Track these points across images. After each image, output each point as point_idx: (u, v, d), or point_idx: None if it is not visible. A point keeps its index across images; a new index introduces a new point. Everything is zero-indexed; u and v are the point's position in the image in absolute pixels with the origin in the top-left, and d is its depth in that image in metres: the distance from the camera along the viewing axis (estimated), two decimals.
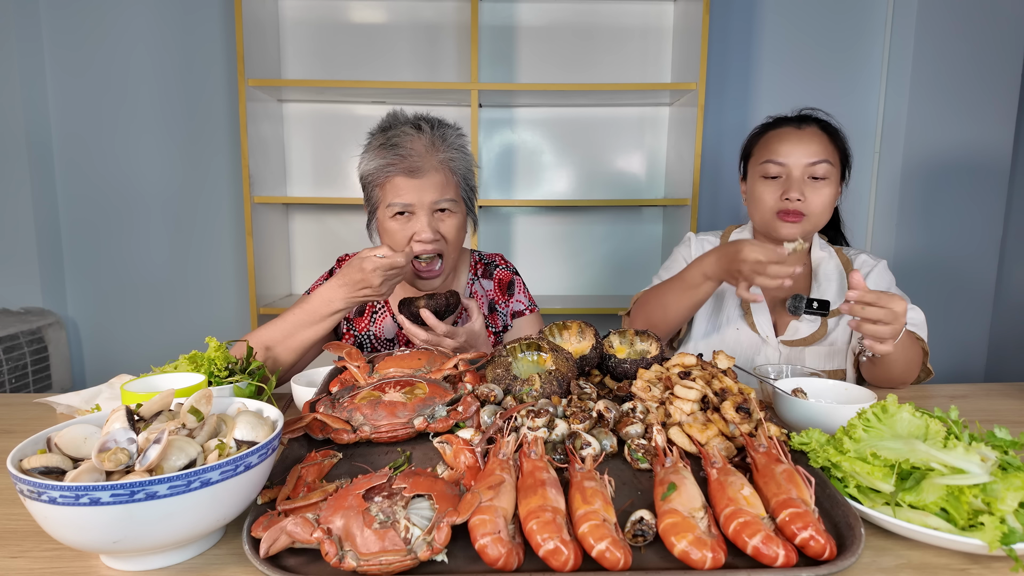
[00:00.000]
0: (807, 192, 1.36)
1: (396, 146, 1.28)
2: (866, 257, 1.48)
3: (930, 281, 2.73)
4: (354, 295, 1.21)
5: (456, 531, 0.64)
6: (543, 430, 0.86)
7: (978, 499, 0.67)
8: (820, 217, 1.38)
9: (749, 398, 0.88)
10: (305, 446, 0.89)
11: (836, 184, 1.39)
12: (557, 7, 2.68)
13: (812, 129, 1.40)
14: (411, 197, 1.29)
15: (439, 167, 1.31)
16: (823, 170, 1.36)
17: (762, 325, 1.45)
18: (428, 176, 1.29)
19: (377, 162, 1.30)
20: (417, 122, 1.33)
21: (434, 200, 1.30)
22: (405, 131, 1.31)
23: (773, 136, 1.42)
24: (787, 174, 1.38)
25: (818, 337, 1.42)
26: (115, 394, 1.18)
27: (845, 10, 2.69)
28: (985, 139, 2.64)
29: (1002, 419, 1.15)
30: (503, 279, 1.55)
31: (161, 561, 0.66)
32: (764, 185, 1.41)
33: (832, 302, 1.41)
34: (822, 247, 1.49)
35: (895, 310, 1.07)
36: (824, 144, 1.38)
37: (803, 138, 1.38)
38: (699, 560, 0.60)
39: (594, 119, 2.77)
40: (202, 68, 2.68)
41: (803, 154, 1.36)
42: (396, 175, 1.29)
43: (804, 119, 1.42)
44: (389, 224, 1.32)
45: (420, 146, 1.30)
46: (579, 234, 2.86)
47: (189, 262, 2.82)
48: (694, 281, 1.33)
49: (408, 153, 1.28)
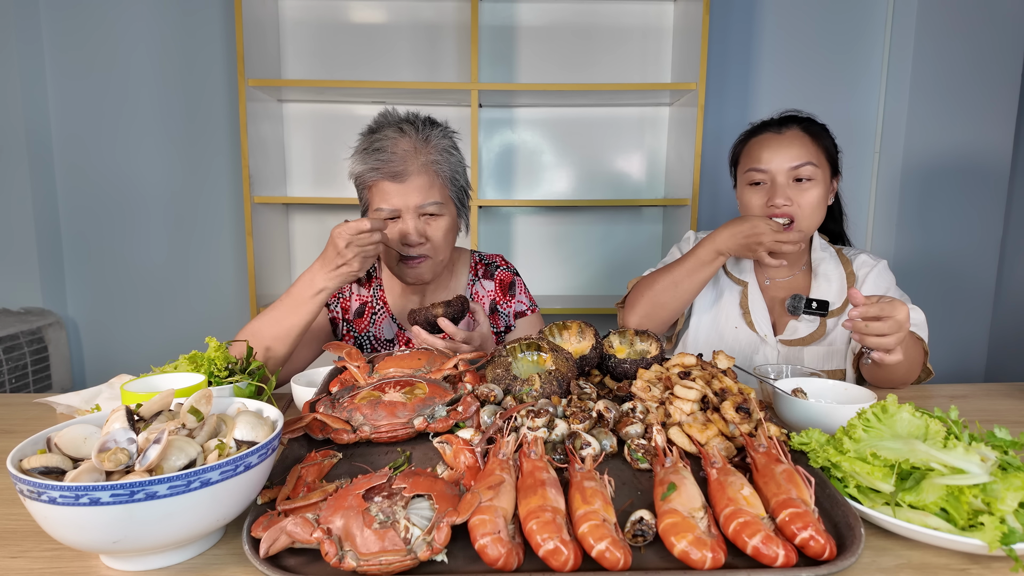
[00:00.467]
0: (793, 196, 1.36)
1: (379, 150, 1.29)
2: (866, 257, 1.47)
3: (930, 281, 2.73)
4: (333, 273, 1.19)
5: (456, 531, 0.64)
6: (543, 430, 0.86)
7: (978, 499, 0.67)
8: (810, 219, 1.38)
9: (749, 398, 0.88)
10: (305, 446, 0.89)
11: (824, 183, 1.39)
12: (557, 7, 2.68)
13: (793, 132, 1.39)
14: (397, 201, 1.30)
15: (422, 170, 1.30)
16: (807, 172, 1.36)
17: (761, 324, 1.45)
18: (412, 180, 1.29)
19: (362, 166, 1.31)
20: (402, 124, 1.33)
21: (419, 204, 1.30)
22: (388, 134, 1.31)
23: (755, 143, 1.43)
24: (771, 180, 1.38)
25: (817, 337, 1.42)
26: (115, 394, 1.18)
27: (845, 10, 2.69)
28: (985, 139, 2.64)
29: (1002, 419, 1.15)
30: (504, 280, 1.56)
31: (161, 561, 0.66)
32: (751, 193, 1.42)
33: (832, 302, 1.41)
34: (823, 247, 1.49)
35: (898, 319, 1.06)
36: (806, 145, 1.37)
37: (783, 142, 1.38)
38: (699, 560, 0.60)
39: (594, 119, 2.77)
40: (202, 68, 2.68)
41: (785, 158, 1.37)
42: (381, 179, 1.29)
43: (784, 122, 1.42)
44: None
45: (402, 149, 1.29)
46: (579, 234, 2.86)
47: (189, 262, 2.82)
48: (706, 258, 1.36)
49: (391, 157, 1.28)
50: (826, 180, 1.40)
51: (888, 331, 1.07)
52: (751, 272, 1.51)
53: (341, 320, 1.49)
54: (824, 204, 1.40)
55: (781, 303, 1.47)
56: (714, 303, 1.52)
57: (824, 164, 1.39)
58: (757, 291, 1.49)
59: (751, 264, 1.52)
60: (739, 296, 1.50)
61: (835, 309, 1.41)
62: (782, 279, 1.50)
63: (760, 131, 1.44)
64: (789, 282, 1.50)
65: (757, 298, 1.48)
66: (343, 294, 1.50)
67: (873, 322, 1.07)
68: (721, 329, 1.49)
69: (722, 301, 1.51)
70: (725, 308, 1.50)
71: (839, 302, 1.42)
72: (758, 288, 1.49)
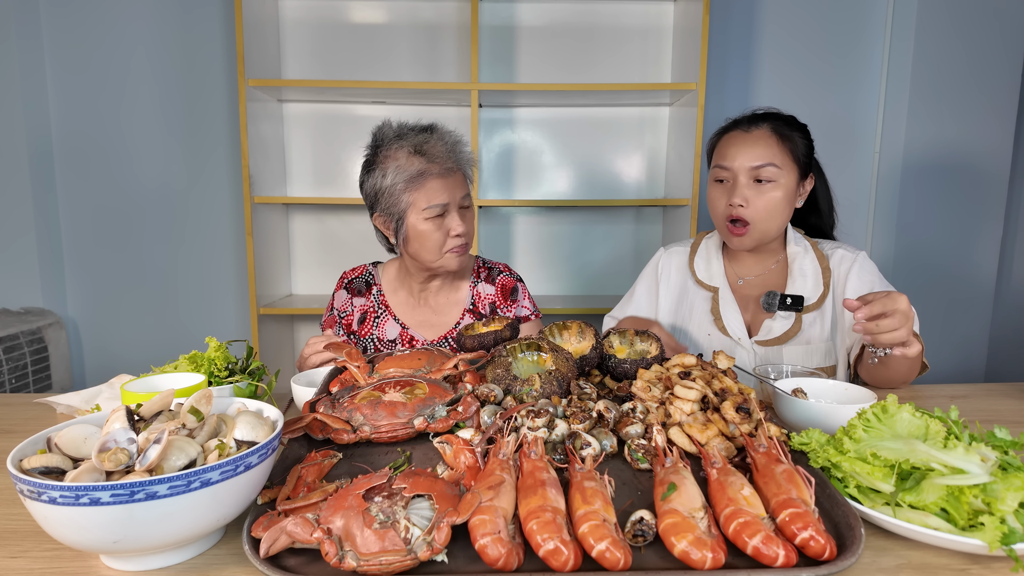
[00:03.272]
0: (752, 196, 1.35)
1: (426, 153, 1.37)
2: (843, 252, 1.43)
3: (930, 281, 2.73)
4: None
5: (456, 531, 0.64)
6: (543, 430, 0.86)
7: (978, 499, 0.67)
8: (767, 222, 1.36)
9: (749, 398, 0.88)
10: (305, 446, 0.89)
11: (787, 186, 1.36)
12: (557, 7, 2.68)
13: (760, 131, 1.37)
14: (446, 196, 1.38)
15: (459, 167, 1.43)
16: (767, 173, 1.34)
17: (733, 327, 1.43)
18: (454, 176, 1.41)
19: (409, 170, 1.37)
20: (428, 130, 1.43)
21: (461, 197, 1.42)
22: (426, 138, 1.40)
23: (725, 139, 1.42)
24: (733, 178, 1.37)
25: (792, 335, 1.39)
26: (115, 394, 1.18)
27: (845, 10, 2.69)
28: (985, 139, 2.64)
29: (1002, 419, 1.15)
30: (506, 284, 1.58)
31: (161, 561, 0.66)
32: (714, 190, 1.41)
33: (807, 297, 1.39)
34: (796, 241, 1.46)
35: (902, 309, 1.06)
36: (771, 146, 1.35)
37: (748, 141, 1.37)
38: (699, 560, 0.60)
39: (594, 119, 2.77)
40: (202, 68, 2.68)
41: (748, 157, 1.35)
42: (431, 178, 1.37)
43: (755, 120, 1.40)
44: (424, 227, 1.39)
45: (443, 150, 1.40)
46: (579, 234, 2.86)
47: (189, 262, 2.82)
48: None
49: (439, 159, 1.38)
50: (790, 182, 1.36)
51: (897, 325, 1.06)
52: (722, 277, 1.50)
53: (347, 335, 1.55)
54: (786, 205, 1.37)
55: (756, 301, 1.45)
56: (683, 310, 1.51)
57: (790, 165, 1.36)
58: (728, 294, 1.47)
59: (722, 268, 1.50)
60: (710, 303, 1.48)
61: (810, 304, 1.39)
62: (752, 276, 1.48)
63: (732, 128, 1.43)
64: (763, 279, 1.47)
65: (729, 301, 1.46)
66: (344, 312, 1.54)
67: (881, 320, 1.06)
68: (694, 338, 1.48)
69: (693, 312, 1.50)
70: (696, 318, 1.48)
71: (815, 297, 1.40)
72: (729, 291, 1.47)
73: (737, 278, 1.50)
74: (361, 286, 1.56)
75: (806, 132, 1.42)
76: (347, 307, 1.54)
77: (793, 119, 1.42)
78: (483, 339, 1.17)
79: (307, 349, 1.31)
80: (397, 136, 1.41)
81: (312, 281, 2.85)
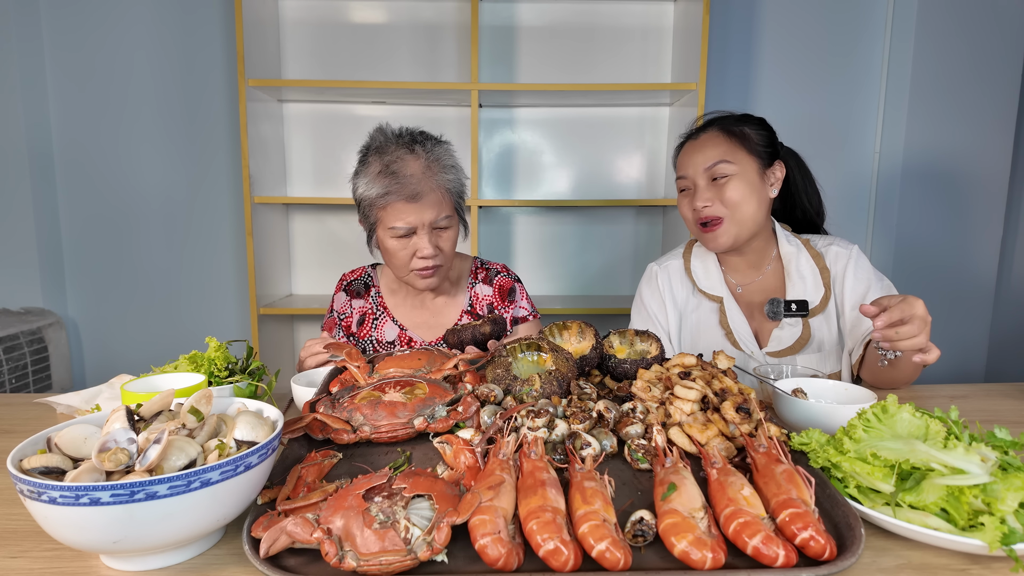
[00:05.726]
0: (715, 194, 1.36)
1: (395, 173, 1.32)
2: (838, 249, 1.42)
3: (930, 281, 2.73)
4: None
5: (456, 531, 0.64)
6: (543, 430, 0.86)
7: (978, 499, 0.67)
8: (740, 212, 1.36)
9: (749, 398, 0.88)
10: (305, 446, 0.89)
11: (746, 176, 1.35)
12: (557, 7, 2.68)
13: (709, 134, 1.40)
14: (412, 220, 1.33)
15: (435, 188, 1.35)
16: (720, 170, 1.35)
17: (744, 341, 1.42)
18: (427, 198, 1.33)
19: (376, 189, 1.33)
20: (411, 144, 1.36)
21: (433, 220, 1.35)
22: (401, 156, 1.34)
23: (681, 153, 1.46)
24: (693, 184, 1.40)
25: (803, 343, 1.38)
26: (115, 394, 1.18)
27: (845, 11, 2.69)
28: (985, 139, 2.64)
29: (1002, 419, 1.15)
30: (504, 285, 1.57)
31: (161, 561, 0.66)
32: (681, 200, 1.45)
33: (809, 300, 1.38)
34: (788, 241, 1.45)
35: (920, 314, 1.05)
36: (719, 145, 1.37)
37: (697, 147, 1.40)
38: (699, 560, 0.60)
39: (594, 119, 2.77)
40: (202, 69, 2.68)
41: (699, 161, 1.38)
42: (397, 201, 1.33)
43: (703, 127, 1.44)
44: (390, 243, 1.37)
45: (417, 170, 1.33)
46: (579, 234, 2.86)
47: (189, 262, 2.82)
48: None
49: (407, 180, 1.32)
50: (749, 172, 1.36)
51: (917, 331, 1.04)
52: (723, 285, 1.48)
53: (347, 337, 1.55)
54: (751, 194, 1.36)
55: (759, 308, 1.45)
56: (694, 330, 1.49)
57: (744, 157, 1.36)
58: (733, 303, 1.45)
59: (721, 277, 1.49)
60: (717, 315, 1.46)
61: (815, 308, 1.39)
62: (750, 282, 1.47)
63: (685, 140, 1.47)
64: (761, 284, 1.46)
65: (735, 312, 1.44)
66: (343, 314, 1.54)
67: (900, 327, 1.04)
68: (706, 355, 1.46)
69: (700, 326, 1.48)
70: (705, 334, 1.47)
71: (817, 300, 1.39)
72: (733, 300, 1.46)
73: (736, 286, 1.49)
74: (360, 288, 1.56)
75: (762, 123, 1.42)
76: (346, 309, 1.54)
77: (745, 116, 1.43)
78: (461, 333, 1.22)
79: (303, 352, 1.31)
80: (378, 148, 1.36)
81: (312, 281, 2.86)
